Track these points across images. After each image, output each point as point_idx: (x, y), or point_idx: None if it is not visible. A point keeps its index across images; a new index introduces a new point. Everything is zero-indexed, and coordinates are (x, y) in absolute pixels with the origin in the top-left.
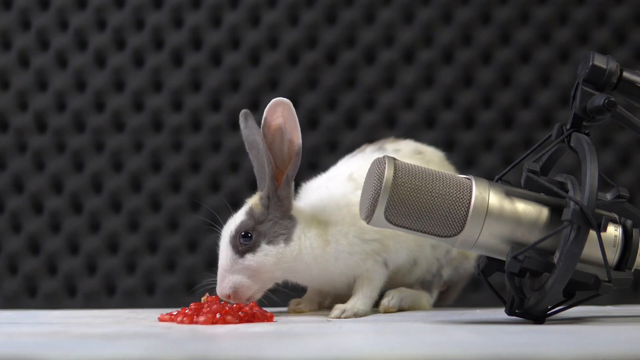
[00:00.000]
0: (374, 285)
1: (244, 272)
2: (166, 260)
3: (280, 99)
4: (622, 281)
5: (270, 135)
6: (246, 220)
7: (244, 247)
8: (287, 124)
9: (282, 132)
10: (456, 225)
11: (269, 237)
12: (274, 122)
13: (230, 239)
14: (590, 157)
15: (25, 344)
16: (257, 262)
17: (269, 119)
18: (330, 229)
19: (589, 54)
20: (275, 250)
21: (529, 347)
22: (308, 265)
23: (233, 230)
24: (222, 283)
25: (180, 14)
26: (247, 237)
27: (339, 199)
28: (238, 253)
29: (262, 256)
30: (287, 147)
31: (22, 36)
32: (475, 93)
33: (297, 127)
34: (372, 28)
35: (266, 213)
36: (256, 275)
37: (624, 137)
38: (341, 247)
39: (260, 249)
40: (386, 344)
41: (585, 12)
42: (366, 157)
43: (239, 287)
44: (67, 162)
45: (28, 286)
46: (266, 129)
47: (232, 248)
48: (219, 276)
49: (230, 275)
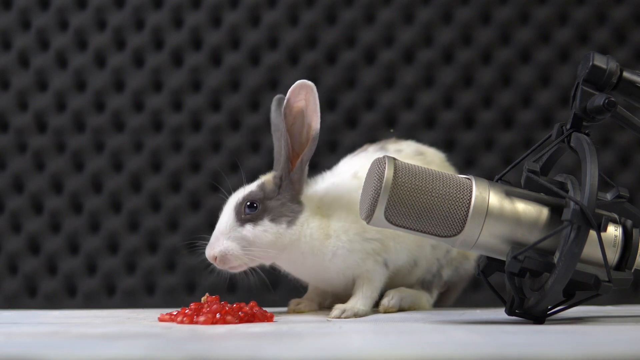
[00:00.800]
0: (374, 285)
1: (239, 241)
2: (166, 260)
3: (304, 82)
4: (622, 281)
5: (292, 118)
6: (256, 192)
7: (246, 216)
8: (308, 107)
9: (303, 115)
10: (456, 225)
11: (274, 215)
12: (296, 105)
13: (235, 205)
14: (590, 157)
15: (25, 344)
16: (254, 234)
17: (291, 100)
18: (332, 224)
19: (589, 54)
20: (275, 229)
21: (529, 347)
22: (304, 255)
23: (240, 197)
24: (213, 244)
25: (180, 14)
26: (253, 208)
27: (343, 195)
28: (239, 220)
29: (262, 231)
30: (305, 131)
31: (22, 36)
32: (475, 93)
33: (317, 112)
34: (372, 28)
35: (276, 191)
36: (249, 247)
37: (624, 137)
38: (341, 243)
39: (261, 223)
40: (386, 344)
41: (585, 12)
42: (369, 157)
43: (228, 253)
44: (67, 162)
45: (28, 286)
46: (288, 110)
47: (234, 214)
48: (213, 237)
49: (225, 239)
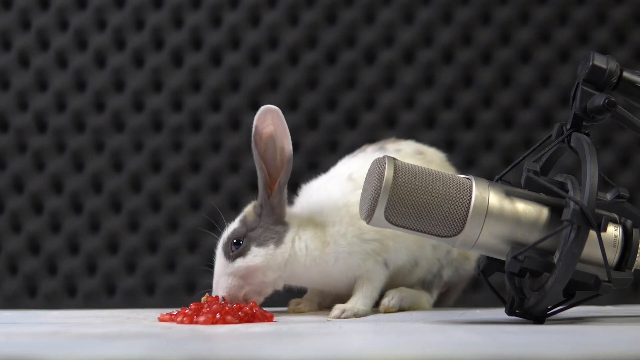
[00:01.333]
0: (374, 285)
1: (235, 274)
2: (166, 260)
3: (268, 107)
4: (622, 281)
5: (263, 144)
6: (238, 228)
7: (234, 253)
8: (277, 131)
9: (274, 139)
10: (456, 225)
11: (259, 241)
12: (265, 130)
13: (222, 246)
14: (590, 157)
15: (25, 344)
16: (246, 263)
17: (259, 127)
18: (328, 230)
19: (589, 54)
20: (264, 252)
21: (529, 347)
22: (307, 267)
23: (225, 237)
24: (215, 287)
25: (180, 14)
26: (238, 244)
27: (337, 199)
28: (229, 259)
29: (251, 257)
30: (279, 155)
31: (22, 36)
32: (475, 93)
33: (287, 134)
34: (372, 28)
35: (258, 220)
36: (247, 276)
37: (624, 137)
38: (340, 248)
39: (249, 252)
40: (386, 344)
41: (585, 12)
42: (367, 157)
43: (230, 288)
44: (67, 162)
45: (28, 286)
46: (257, 137)
47: (224, 255)
48: (214, 282)
49: (222, 278)
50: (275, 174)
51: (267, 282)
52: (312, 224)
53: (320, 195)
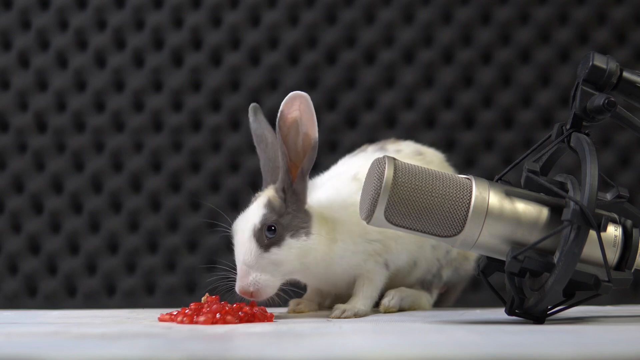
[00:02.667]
0: (374, 285)
1: (269, 268)
2: (166, 260)
3: (297, 93)
4: (622, 281)
5: (286, 129)
6: (268, 213)
7: (269, 241)
8: (303, 117)
9: (298, 125)
10: (456, 225)
11: (292, 230)
12: (290, 116)
13: (254, 232)
14: (590, 157)
15: (25, 344)
16: (283, 256)
17: (285, 112)
18: (338, 227)
19: (589, 54)
20: (299, 244)
21: (529, 347)
22: (317, 261)
23: (257, 223)
24: (245, 279)
25: (180, 14)
26: (272, 231)
27: (345, 198)
28: (263, 247)
29: (287, 249)
30: (302, 141)
31: (22, 36)
32: (475, 93)
33: (314, 121)
34: (372, 28)
35: (284, 206)
36: (277, 270)
37: (624, 137)
38: (347, 246)
39: (285, 243)
40: (386, 344)
41: (585, 12)
42: (368, 157)
43: (263, 285)
44: (67, 162)
45: (28, 286)
46: (282, 122)
47: (256, 242)
48: (241, 272)
49: (255, 271)
50: (297, 159)
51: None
52: (325, 218)
53: (327, 192)
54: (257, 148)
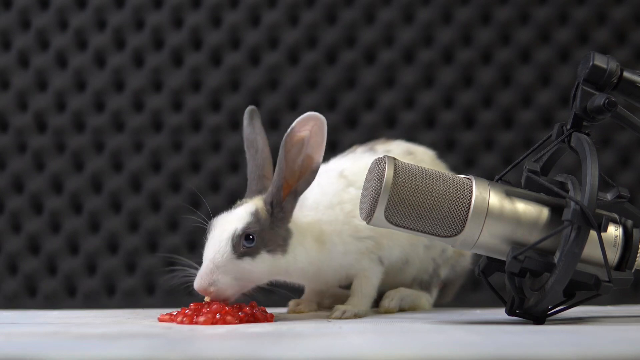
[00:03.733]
0: (371, 283)
1: (235, 274)
2: (166, 260)
3: (314, 114)
4: (622, 281)
5: (291, 145)
6: (252, 223)
7: (245, 250)
8: (312, 139)
9: (303, 145)
10: (456, 226)
11: (270, 246)
12: (299, 134)
13: (232, 236)
14: (591, 157)
15: (25, 344)
16: (253, 268)
17: (296, 129)
18: (324, 229)
19: (589, 54)
20: (272, 261)
21: (529, 347)
22: (304, 269)
23: (239, 229)
24: (207, 277)
25: (180, 14)
26: (251, 240)
27: (331, 197)
28: (237, 253)
29: (260, 263)
30: (302, 161)
31: (22, 36)
32: (475, 93)
33: (323, 145)
34: (372, 28)
35: (269, 220)
36: (243, 278)
37: (624, 137)
38: (335, 247)
39: (259, 256)
40: (386, 344)
41: (585, 12)
42: (357, 158)
43: (221, 288)
44: (67, 162)
45: (28, 286)
46: (289, 138)
47: (232, 246)
48: (206, 268)
49: (220, 273)
50: (290, 177)
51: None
52: (310, 225)
53: (312, 192)
54: (247, 153)
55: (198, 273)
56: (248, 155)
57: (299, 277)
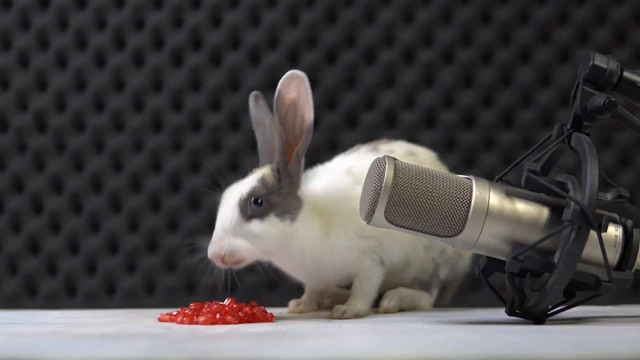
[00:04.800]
0: (372, 283)
1: (246, 237)
2: (166, 260)
3: (294, 72)
4: (622, 281)
5: (284, 110)
6: (259, 187)
7: (252, 212)
8: (300, 98)
9: (295, 107)
10: (456, 226)
11: (278, 210)
12: (288, 96)
13: (239, 201)
14: (591, 157)
15: (25, 344)
16: (263, 229)
17: (282, 92)
18: (331, 221)
19: (589, 54)
20: (281, 225)
21: (529, 347)
22: (304, 252)
23: (245, 193)
24: (218, 242)
25: (180, 14)
26: (258, 204)
27: (339, 191)
28: (245, 217)
29: (269, 226)
30: (298, 123)
31: (22, 36)
32: (475, 93)
33: (310, 103)
34: (372, 28)
35: (277, 185)
36: (255, 240)
37: (624, 137)
38: (339, 241)
39: (268, 219)
40: (386, 344)
41: (585, 12)
42: (361, 156)
43: (236, 250)
44: (67, 162)
45: (28, 286)
46: (279, 102)
47: (239, 211)
48: (216, 236)
49: (231, 237)
50: (293, 142)
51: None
52: (318, 211)
53: (322, 183)
54: (256, 131)
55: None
56: (257, 133)
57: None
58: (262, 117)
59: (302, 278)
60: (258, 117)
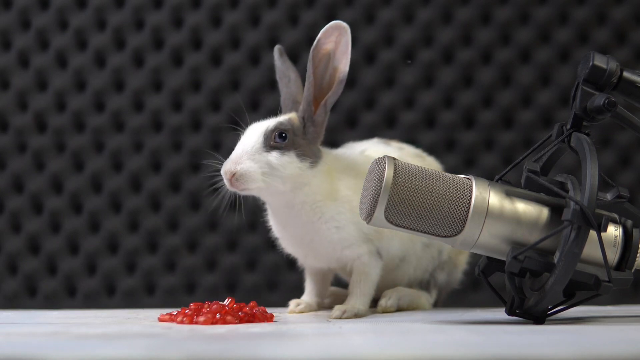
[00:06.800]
0: (370, 280)
1: (261, 165)
2: (166, 260)
3: (338, 22)
4: (622, 281)
5: (317, 60)
6: (286, 123)
7: (275, 144)
8: (338, 49)
9: (330, 58)
10: (456, 225)
11: (300, 151)
12: (325, 47)
13: (265, 131)
14: (591, 157)
15: (25, 344)
16: (280, 162)
17: (321, 41)
18: (340, 189)
19: (589, 54)
20: (300, 165)
21: (529, 347)
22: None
23: (272, 125)
24: (234, 161)
25: (180, 14)
26: (282, 138)
27: (352, 166)
28: (267, 146)
29: (288, 161)
30: (329, 75)
31: (22, 36)
32: (475, 93)
33: (348, 55)
34: (372, 28)
35: (302, 129)
36: (269, 173)
37: (624, 137)
38: (342, 209)
39: (288, 154)
40: (386, 344)
41: (585, 12)
42: (374, 144)
43: (247, 173)
44: (67, 162)
45: (28, 286)
46: (316, 51)
47: (263, 139)
48: (235, 155)
49: (248, 160)
50: (319, 93)
51: (277, 187)
52: (331, 174)
53: (337, 155)
54: (280, 83)
55: (226, 161)
56: (281, 85)
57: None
58: (287, 69)
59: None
60: (283, 68)
